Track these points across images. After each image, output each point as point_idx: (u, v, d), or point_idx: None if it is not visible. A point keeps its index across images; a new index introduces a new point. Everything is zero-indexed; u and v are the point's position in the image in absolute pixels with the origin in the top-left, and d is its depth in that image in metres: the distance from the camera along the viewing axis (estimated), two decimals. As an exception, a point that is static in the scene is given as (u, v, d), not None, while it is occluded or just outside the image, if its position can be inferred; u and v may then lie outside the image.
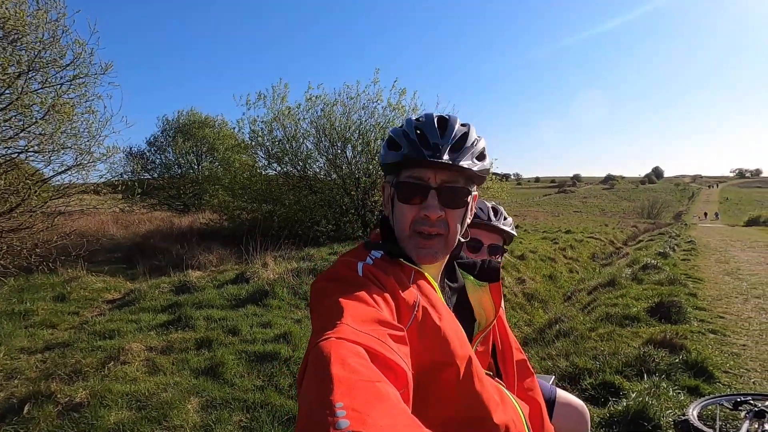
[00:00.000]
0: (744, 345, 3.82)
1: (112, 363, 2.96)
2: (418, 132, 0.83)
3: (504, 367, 0.99)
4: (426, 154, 0.79)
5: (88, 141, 5.34)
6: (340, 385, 0.46)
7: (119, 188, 6.77)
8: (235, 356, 3.13)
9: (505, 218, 1.62)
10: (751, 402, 2.21)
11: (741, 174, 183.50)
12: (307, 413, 0.46)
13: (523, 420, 0.87)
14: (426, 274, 0.83)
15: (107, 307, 4.59)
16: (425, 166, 0.81)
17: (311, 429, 0.43)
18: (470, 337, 0.90)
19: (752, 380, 3.09)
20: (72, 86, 5.09)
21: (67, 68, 4.95)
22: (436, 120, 0.85)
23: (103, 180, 6.03)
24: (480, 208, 1.58)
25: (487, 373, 0.90)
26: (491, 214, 1.59)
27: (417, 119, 0.86)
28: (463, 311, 0.91)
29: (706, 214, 53.87)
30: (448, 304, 0.85)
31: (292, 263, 5.94)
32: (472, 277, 0.96)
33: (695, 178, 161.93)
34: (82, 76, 4.98)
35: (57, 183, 6.19)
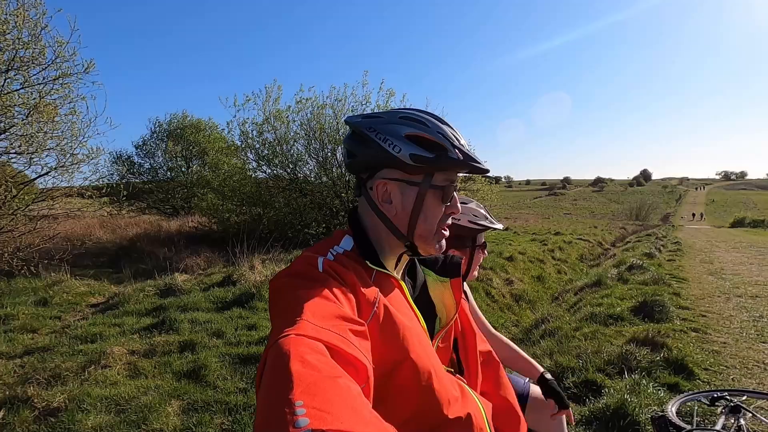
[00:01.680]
0: (724, 343, 3.89)
1: (93, 367, 2.92)
2: (455, 136, 0.84)
3: (467, 363, 0.99)
4: (479, 162, 0.83)
5: (71, 142, 5.26)
6: (300, 383, 0.46)
7: (105, 191, 6.67)
8: (219, 359, 3.10)
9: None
10: (727, 397, 2.25)
11: (726, 176, 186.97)
12: (265, 412, 0.45)
13: (484, 417, 0.87)
14: (392, 273, 0.83)
15: (90, 311, 4.52)
16: (466, 170, 0.84)
17: (269, 428, 0.43)
18: (432, 334, 0.90)
19: (731, 377, 3.14)
20: (55, 87, 5.02)
21: (50, 68, 4.89)
22: (441, 120, 0.86)
23: (87, 183, 5.94)
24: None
25: (448, 370, 0.90)
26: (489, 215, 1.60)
27: (437, 119, 0.85)
28: (424, 307, 0.91)
29: (693, 215, 58.20)
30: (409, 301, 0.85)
31: (280, 266, 5.91)
32: (433, 273, 0.97)
33: (682, 181, 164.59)
34: (64, 76, 4.92)
35: (41, 186, 6.11)
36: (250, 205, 10.40)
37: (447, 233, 0.86)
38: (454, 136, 0.83)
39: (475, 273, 1.57)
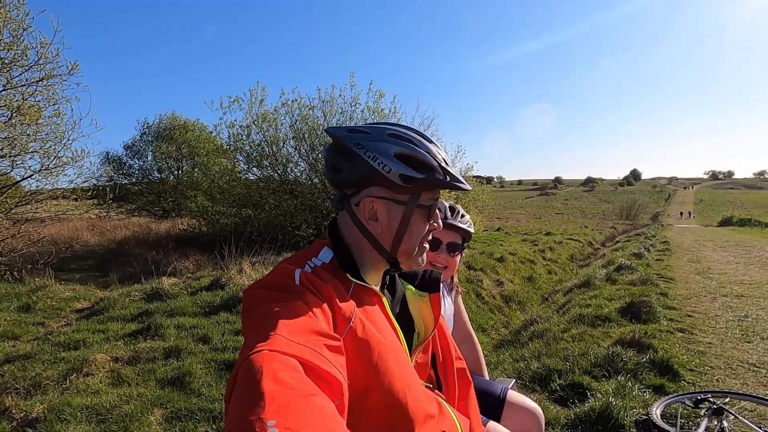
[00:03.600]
0: (710, 343, 3.93)
1: (75, 375, 2.86)
2: (441, 156, 0.86)
3: (445, 379, 0.98)
4: (463, 183, 0.86)
5: (55, 145, 5.18)
6: (273, 402, 0.45)
7: (92, 193, 6.57)
8: (204, 365, 3.06)
9: (462, 216, 1.63)
10: (711, 399, 2.27)
11: (714, 176, 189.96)
12: (235, 430, 0.44)
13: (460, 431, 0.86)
14: (369, 285, 0.82)
15: (75, 317, 4.45)
16: (450, 189, 0.86)
17: None
18: (410, 348, 0.89)
19: (716, 378, 3.17)
20: (38, 88, 4.94)
21: (33, 69, 4.80)
22: (424, 137, 0.87)
23: (73, 185, 5.84)
24: (438, 208, 1.59)
25: (426, 385, 0.89)
26: (448, 212, 1.60)
27: (424, 137, 0.86)
28: (403, 322, 0.90)
29: (682, 213, 60.34)
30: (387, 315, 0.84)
31: (269, 269, 5.86)
32: (412, 287, 0.96)
33: (671, 180, 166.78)
34: (48, 77, 4.84)
35: (26, 189, 6.00)
36: (240, 206, 10.33)
37: (428, 247, 0.88)
38: (440, 155, 0.84)
39: (453, 271, 1.63)
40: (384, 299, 0.83)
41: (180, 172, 17.47)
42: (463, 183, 0.86)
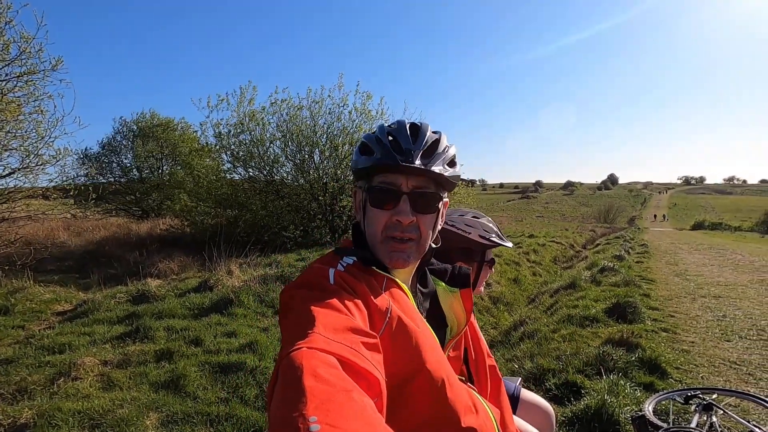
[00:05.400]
0: (692, 342, 4.07)
1: (62, 379, 2.77)
2: (391, 138, 0.84)
3: (476, 373, 1.00)
4: (399, 159, 0.80)
5: (36, 142, 5.00)
6: (314, 398, 0.45)
7: (71, 193, 6.36)
8: (198, 368, 3.00)
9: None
10: (700, 396, 2.35)
11: (687, 181, 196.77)
12: (278, 426, 0.45)
13: (495, 425, 0.88)
14: (398, 280, 0.83)
15: (57, 320, 4.30)
16: (398, 171, 0.81)
17: None
18: (442, 343, 0.90)
19: (700, 375, 3.29)
20: (19, 84, 4.77)
21: (14, 64, 4.63)
22: (408, 126, 0.86)
23: (53, 184, 5.65)
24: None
25: (459, 379, 0.91)
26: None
27: (390, 125, 0.86)
28: (435, 317, 0.92)
29: (656, 216, 64.56)
30: (420, 310, 0.85)
31: (258, 270, 5.80)
32: (443, 283, 0.97)
33: (647, 185, 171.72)
34: (30, 73, 4.68)
35: (1, 187, 5.78)
36: (225, 207, 10.17)
37: (404, 247, 0.82)
38: (391, 138, 0.83)
39: (481, 288, 1.56)
40: (408, 293, 0.84)
41: (161, 171, 17.08)
42: (402, 161, 0.79)
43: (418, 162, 0.80)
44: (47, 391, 2.64)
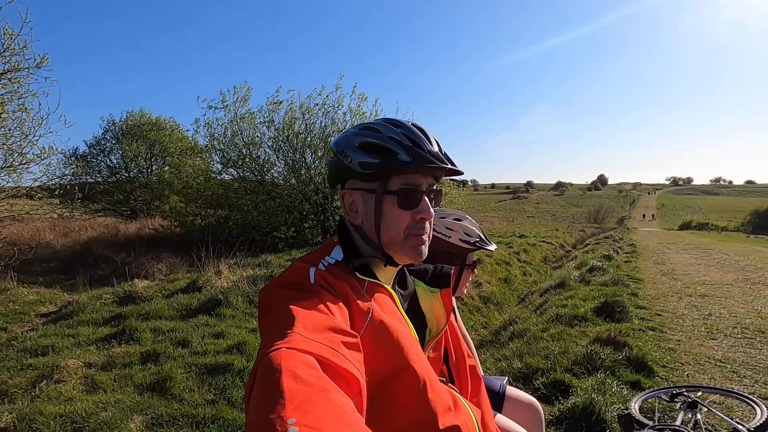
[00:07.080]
0: (679, 340, 4.12)
1: (45, 382, 2.72)
2: (407, 137, 0.82)
3: (457, 373, 0.99)
4: (434, 160, 0.81)
5: (20, 141, 4.91)
6: (292, 400, 0.45)
7: (57, 192, 6.26)
8: (185, 369, 2.97)
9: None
10: (685, 393, 2.37)
11: (675, 182, 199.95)
12: (256, 429, 0.44)
13: (476, 424, 0.88)
14: (381, 282, 0.83)
15: (40, 322, 4.23)
16: (420, 171, 0.81)
17: None
18: (422, 344, 0.90)
19: (686, 373, 3.33)
20: (2, 81, 4.67)
21: (-4, 61, 4.54)
22: (413, 125, 0.85)
23: (38, 183, 5.55)
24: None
25: (440, 379, 0.90)
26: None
27: (394, 125, 0.84)
28: (415, 317, 0.91)
29: (644, 215, 66.36)
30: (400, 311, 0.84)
31: (247, 270, 5.75)
32: (423, 284, 0.97)
33: (636, 186, 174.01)
34: (14, 70, 4.59)
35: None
36: (215, 207, 10.08)
37: (425, 239, 0.84)
38: (410, 139, 0.82)
39: (464, 290, 1.55)
40: (395, 295, 0.84)
41: (150, 171, 16.87)
42: (436, 162, 0.81)
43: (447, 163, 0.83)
44: (29, 395, 2.59)
